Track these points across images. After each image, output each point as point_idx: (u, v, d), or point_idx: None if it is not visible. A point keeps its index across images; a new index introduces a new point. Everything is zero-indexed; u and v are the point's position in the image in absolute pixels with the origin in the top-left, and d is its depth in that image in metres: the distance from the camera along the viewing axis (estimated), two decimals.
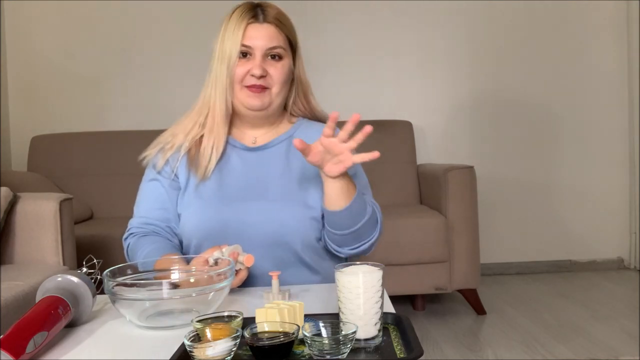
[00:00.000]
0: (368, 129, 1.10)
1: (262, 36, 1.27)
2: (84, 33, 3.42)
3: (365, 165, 1.29)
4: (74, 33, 3.42)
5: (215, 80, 1.30)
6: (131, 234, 1.35)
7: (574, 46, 3.57)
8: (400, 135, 3.29)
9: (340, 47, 3.48)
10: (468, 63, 3.55)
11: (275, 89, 1.29)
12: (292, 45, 1.33)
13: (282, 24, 1.30)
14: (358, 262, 0.90)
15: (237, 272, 1.14)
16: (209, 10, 3.32)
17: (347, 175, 1.19)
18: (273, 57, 1.28)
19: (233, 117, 1.34)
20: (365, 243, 1.26)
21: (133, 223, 1.35)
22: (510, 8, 3.54)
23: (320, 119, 1.41)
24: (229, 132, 1.34)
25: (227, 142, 1.33)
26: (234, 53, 1.26)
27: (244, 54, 1.28)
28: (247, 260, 1.13)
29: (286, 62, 1.30)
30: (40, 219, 2.03)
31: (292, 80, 1.35)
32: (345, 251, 1.28)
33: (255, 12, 1.29)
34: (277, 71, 1.28)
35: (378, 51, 3.51)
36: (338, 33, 3.48)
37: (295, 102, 1.38)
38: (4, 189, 1.99)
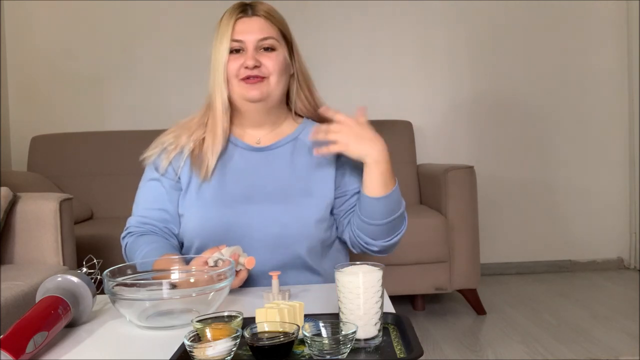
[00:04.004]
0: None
1: (252, 29, 1.27)
2: (84, 33, 3.42)
3: None
4: (74, 33, 3.42)
5: (213, 80, 1.29)
6: (129, 232, 1.34)
7: (574, 46, 3.56)
8: (400, 135, 3.29)
9: (340, 47, 3.48)
10: (468, 63, 3.55)
11: (273, 78, 1.27)
12: (287, 39, 1.32)
13: (273, 17, 1.30)
14: (358, 262, 0.90)
15: (237, 272, 1.14)
16: (209, 11, 3.32)
17: (389, 163, 1.24)
18: (266, 49, 1.28)
19: (234, 116, 1.33)
20: (397, 235, 1.29)
21: (131, 222, 1.35)
22: (510, 8, 3.53)
23: (325, 119, 1.40)
24: (230, 131, 1.33)
25: (228, 141, 1.33)
26: (225, 49, 1.26)
27: (237, 50, 1.27)
28: (248, 262, 1.13)
29: (280, 53, 1.29)
30: (40, 219, 2.02)
31: (292, 75, 1.34)
32: (378, 244, 1.28)
33: (244, 8, 1.29)
34: (271, 61, 1.27)
35: (378, 51, 3.51)
36: (338, 33, 3.48)
37: (299, 96, 1.36)
38: (4, 189, 1.99)
